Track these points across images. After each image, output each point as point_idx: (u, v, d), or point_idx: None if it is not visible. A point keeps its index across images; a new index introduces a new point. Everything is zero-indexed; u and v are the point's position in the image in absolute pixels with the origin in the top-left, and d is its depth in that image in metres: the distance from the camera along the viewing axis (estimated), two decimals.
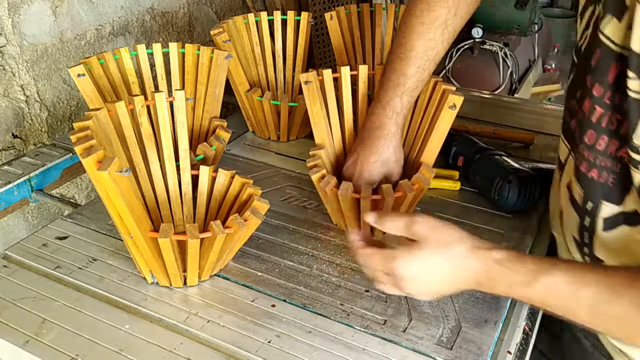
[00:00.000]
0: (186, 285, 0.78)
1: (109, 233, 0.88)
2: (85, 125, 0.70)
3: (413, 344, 0.69)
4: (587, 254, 0.71)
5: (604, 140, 0.63)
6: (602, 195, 0.65)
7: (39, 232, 0.88)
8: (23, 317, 0.72)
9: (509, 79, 2.48)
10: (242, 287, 0.78)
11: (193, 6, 1.60)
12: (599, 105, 0.62)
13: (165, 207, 0.84)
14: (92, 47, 1.31)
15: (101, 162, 0.63)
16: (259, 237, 0.88)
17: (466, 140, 1.05)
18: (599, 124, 0.63)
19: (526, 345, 0.73)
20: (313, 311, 0.74)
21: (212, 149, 0.92)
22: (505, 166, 0.94)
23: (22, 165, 1.03)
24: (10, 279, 0.79)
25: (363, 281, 0.80)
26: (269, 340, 0.70)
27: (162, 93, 0.81)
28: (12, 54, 1.13)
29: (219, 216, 0.82)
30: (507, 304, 0.76)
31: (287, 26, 1.21)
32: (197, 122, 1.02)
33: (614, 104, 0.60)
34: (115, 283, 0.79)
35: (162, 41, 1.42)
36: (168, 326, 0.72)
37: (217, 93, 1.00)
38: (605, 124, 0.62)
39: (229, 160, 1.10)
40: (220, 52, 0.96)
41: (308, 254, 0.85)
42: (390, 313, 0.74)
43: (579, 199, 0.69)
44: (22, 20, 1.13)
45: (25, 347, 0.68)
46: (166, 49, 1.02)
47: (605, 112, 0.61)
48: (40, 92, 1.21)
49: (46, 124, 1.24)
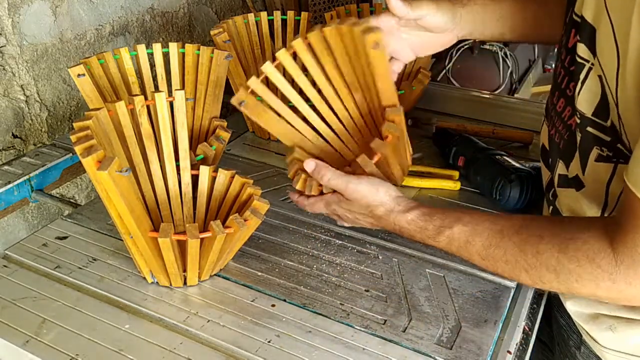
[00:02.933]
0: (186, 285, 0.78)
1: (109, 233, 0.88)
2: (85, 125, 0.70)
3: (413, 343, 0.69)
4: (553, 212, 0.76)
5: (562, 104, 0.70)
6: (558, 154, 0.72)
7: (39, 232, 0.88)
8: (23, 317, 0.72)
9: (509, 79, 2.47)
10: (242, 287, 0.78)
11: (193, 6, 1.60)
12: (563, 69, 0.69)
13: (165, 207, 0.84)
14: (92, 47, 1.31)
15: (101, 162, 0.63)
16: (259, 237, 0.88)
17: (466, 141, 1.05)
18: (561, 86, 0.70)
19: (526, 345, 0.73)
20: (313, 311, 0.74)
21: (212, 149, 0.92)
22: (506, 166, 0.94)
23: (22, 165, 1.03)
24: (10, 279, 0.79)
25: (363, 281, 0.80)
26: (268, 340, 0.70)
27: (162, 93, 0.81)
28: (12, 54, 1.13)
29: (219, 216, 0.82)
30: (507, 304, 0.76)
31: (287, 26, 1.21)
32: (197, 122, 1.02)
33: (569, 68, 0.65)
34: (115, 283, 0.79)
35: (162, 41, 1.42)
36: (168, 326, 0.72)
37: (217, 93, 1.00)
38: (564, 87, 0.68)
39: (229, 160, 1.10)
40: (220, 52, 0.96)
41: (308, 254, 0.85)
42: (390, 313, 0.74)
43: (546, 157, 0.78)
44: (22, 20, 1.13)
45: (25, 347, 0.68)
46: (166, 49, 1.02)
47: (565, 76, 0.67)
48: (40, 92, 1.21)
49: (46, 124, 1.24)
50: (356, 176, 0.72)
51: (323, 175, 0.73)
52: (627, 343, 0.70)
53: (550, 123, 0.76)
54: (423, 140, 1.19)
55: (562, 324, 0.82)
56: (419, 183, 1.00)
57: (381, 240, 0.88)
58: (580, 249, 0.57)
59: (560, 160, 0.73)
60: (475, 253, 0.65)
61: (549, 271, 0.59)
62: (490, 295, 0.77)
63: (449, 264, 0.83)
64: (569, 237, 0.58)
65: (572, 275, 0.58)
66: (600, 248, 0.56)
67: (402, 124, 0.73)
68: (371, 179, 0.72)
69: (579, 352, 0.78)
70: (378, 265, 0.83)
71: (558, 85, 0.72)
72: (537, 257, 0.60)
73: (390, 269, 0.82)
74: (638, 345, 0.70)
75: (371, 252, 0.86)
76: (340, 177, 0.72)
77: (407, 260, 0.84)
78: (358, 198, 0.72)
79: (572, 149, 0.68)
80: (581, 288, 0.58)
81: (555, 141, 0.73)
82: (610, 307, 0.70)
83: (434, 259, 0.84)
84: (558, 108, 0.72)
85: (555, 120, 0.73)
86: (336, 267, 0.82)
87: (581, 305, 0.74)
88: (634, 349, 0.70)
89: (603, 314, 0.72)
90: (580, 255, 0.57)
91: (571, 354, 0.80)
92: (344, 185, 0.72)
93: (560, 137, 0.72)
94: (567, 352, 0.81)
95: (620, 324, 0.70)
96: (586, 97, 0.62)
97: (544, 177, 0.81)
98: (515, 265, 0.62)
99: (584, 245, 0.57)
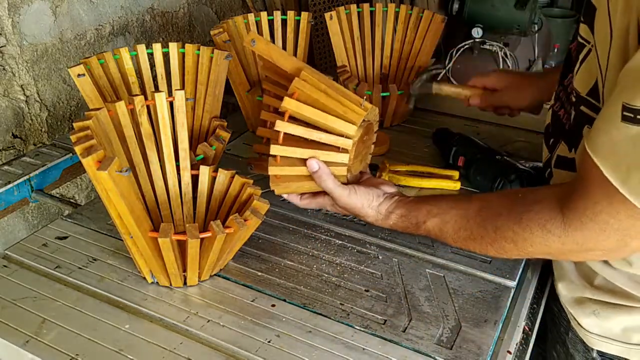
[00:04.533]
0: (186, 285, 0.78)
1: (109, 233, 0.88)
2: (85, 125, 0.70)
3: (413, 343, 0.69)
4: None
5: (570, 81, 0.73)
6: (561, 134, 0.76)
7: (39, 232, 0.88)
8: (23, 317, 0.72)
9: None
10: (242, 287, 0.78)
11: (193, 6, 1.60)
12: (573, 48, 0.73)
13: (165, 207, 0.84)
14: (92, 47, 1.31)
15: (101, 162, 0.63)
16: (259, 237, 0.88)
17: (466, 141, 1.05)
18: (571, 64, 0.73)
19: (526, 345, 0.73)
20: (313, 311, 0.74)
21: (212, 149, 0.92)
22: (506, 166, 0.94)
23: (22, 165, 1.03)
24: (10, 279, 0.79)
25: (363, 281, 0.80)
26: (268, 340, 0.70)
27: (162, 93, 0.81)
28: (12, 54, 1.13)
29: (219, 216, 0.82)
30: (507, 304, 0.76)
31: (287, 26, 1.21)
32: (197, 122, 1.02)
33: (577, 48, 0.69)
34: (115, 283, 0.79)
35: (162, 41, 1.42)
36: (168, 326, 0.72)
37: (217, 93, 1.00)
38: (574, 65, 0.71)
39: (229, 160, 1.10)
40: (220, 52, 0.96)
41: (308, 254, 0.85)
42: (390, 313, 0.74)
43: (548, 136, 0.82)
44: (22, 20, 1.13)
45: (25, 347, 0.68)
46: (166, 49, 1.02)
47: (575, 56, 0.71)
48: (40, 92, 1.21)
49: (46, 124, 1.24)
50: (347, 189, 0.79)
51: (324, 181, 0.78)
52: (609, 328, 0.75)
53: (558, 103, 0.79)
54: (423, 140, 1.19)
55: (554, 311, 0.85)
56: (419, 183, 1.00)
57: (381, 240, 0.88)
58: (532, 219, 0.64)
59: (562, 141, 0.75)
60: (449, 237, 0.74)
61: (507, 242, 0.68)
62: (490, 295, 0.77)
63: (449, 264, 0.83)
64: (523, 209, 0.66)
65: (527, 242, 0.66)
66: (550, 215, 0.63)
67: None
68: (359, 192, 0.80)
69: (567, 337, 0.82)
70: (378, 265, 0.83)
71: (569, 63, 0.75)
72: (497, 232, 0.68)
73: (390, 269, 0.82)
74: (619, 331, 0.74)
75: (371, 252, 0.86)
76: (337, 188, 0.79)
77: (407, 260, 0.84)
78: (349, 208, 0.81)
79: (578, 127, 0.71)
80: (535, 251, 0.67)
81: (562, 121, 0.76)
82: (594, 291, 0.75)
83: (434, 259, 0.84)
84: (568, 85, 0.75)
85: (565, 101, 0.76)
86: (336, 267, 0.82)
87: (569, 289, 0.79)
88: (615, 334, 0.75)
89: (588, 298, 0.76)
90: (533, 225, 0.64)
91: (561, 339, 0.84)
92: (338, 196, 0.79)
93: (569, 114, 0.73)
94: (557, 338, 0.86)
95: (603, 310, 0.75)
96: (583, 77, 0.66)
97: (543, 156, 0.84)
98: (481, 242, 0.71)
99: (536, 215, 0.64)
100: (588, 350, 0.78)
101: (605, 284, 0.74)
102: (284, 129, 0.76)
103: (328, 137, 0.77)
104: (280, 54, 0.83)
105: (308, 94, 0.77)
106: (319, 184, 0.79)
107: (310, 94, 0.77)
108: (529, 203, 0.66)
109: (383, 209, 0.80)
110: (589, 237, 0.61)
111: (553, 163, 0.78)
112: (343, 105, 0.76)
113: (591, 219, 0.59)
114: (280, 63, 0.82)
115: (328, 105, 0.76)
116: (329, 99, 0.77)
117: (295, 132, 0.77)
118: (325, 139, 0.77)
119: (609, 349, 0.76)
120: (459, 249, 0.75)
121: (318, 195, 0.83)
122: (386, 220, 0.80)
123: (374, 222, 0.81)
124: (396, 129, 1.26)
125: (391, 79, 1.33)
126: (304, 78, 0.78)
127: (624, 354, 0.75)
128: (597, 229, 0.59)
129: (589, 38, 0.64)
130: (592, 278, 0.76)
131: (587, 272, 0.77)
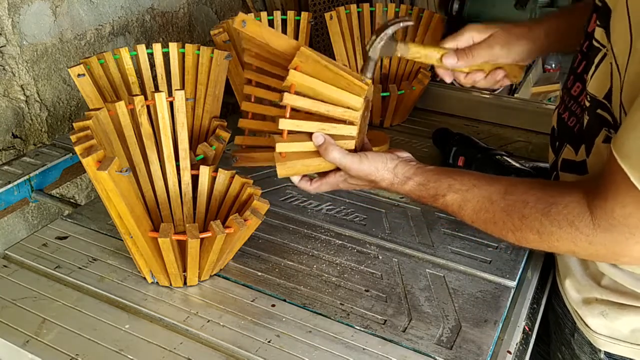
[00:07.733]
0: (186, 285, 0.78)
1: (109, 233, 0.88)
2: (85, 125, 0.70)
3: (413, 343, 0.69)
4: None
5: (578, 87, 0.73)
6: (567, 138, 0.75)
7: (39, 232, 0.88)
8: (23, 317, 0.72)
9: None
10: (242, 287, 0.78)
11: (193, 6, 1.60)
12: (580, 54, 0.72)
13: (165, 207, 0.84)
14: (92, 47, 1.31)
15: (101, 162, 0.63)
16: (259, 237, 0.88)
17: (466, 140, 1.05)
18: (576, 70, 0.72)
19: (526, 345, 0.73)
20: (313, 311, 0.74)
21: (212, 149, 0.92)
22: (506, 166, 0.94)
23: (22, 165, 1.03)
24: (10, 279, 0.79)
25: (363, 281, 0.80)
26: (268, 340, 0.70)
27: (162, 93, 0.81)
28: (12, 54, 1.13)
29: (219, 216, 0.82)
30: (507, 304, 0.76)
31: (287, 26, 1.21)
32: (197, 122, 1.02)
33: (587, 52, 0.68)
34: (115, 283, 0.79)
35: (162, 41, 1.42)
36: (168, 326, 0.72)
37: (217, 93, 1.00)
38: (580, 71, 0.70)
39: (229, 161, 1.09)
40: (220, 52, 0.96)
41: (308, 254, 0.85)
42: (390, 313, 0.74)
43: (554, 140, 0.80)
44: (22, 20, 1.13)
45: (25, 347, 0.68)
46: (166, 49, 1.02)
47: (582, 60, 0.70)
48: (40, 92, 1.21)
49: (46, 124, 1.24)
50: (357, 156, 0.75)
51: (330, 152, 0.75)
52: (617, 329, 0.73)
53: (563, 106, 0.78)
54: (423, 140, 1.19)
55: (558, 312, 0.84)
56: None
57: (381, 240, 0.88)
58: (561, 213, 0.62)
59: (567, 145, 0.75)
60: (466, 216, 0.71)
61: (532, 233, 0.65)
62: (490, 295, 0.77)
63: (449, 264, 0.83)
64: (552, 201, 0.63)
65: (553, 236, 0.63)
66: (580, 212, 0.60)
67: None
68: (370, 156, 0.76)
69: (573, 339, 0.80)
70: (378, 265, 0.83)
71: (574, 70, 0.74)
72: (523, 221, 0.65)
73: (390, 269, 0.82)
74: (628, 332, 0.73)
75: (371, 252, 0.86)
76: (346, 156, 0.75)
77: (407, 260, 0.84)
78: (362, 176, 0.76)
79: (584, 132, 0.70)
80: (561, 247, 0.64)
81: (569, 125, 0.75)
82: (602, 291, 0.74)
83: (434, 259, 0.84)
84: (573, 92, 0.74)
85: (571, 104, 0.75)
86: (336, 267, 0.82)
87: (576, 289, 0.78)
88: (624, 335, 0.73)
89: (596, 298, 0.75)
90: (561, 219, 0.61)
91: (567, 341, 0.82)
92: (349, 165, 0.75)
93: (577, 120, 0.73)
94: (562, 339, 0.84)
95: (611, 310, 0.73)
96: (599, 80, 0.65)
97: (549, 159, 0.83)
98: (502, 227, 0.68)
99: (565, 209, 0.61)
100: (595, 351, 0.77)
101: (612, 284, 0.73)
102: (292, 102, 0.74)
103: (335, 109, 0.75)
104: (273, 33, 0.80)
105: (311, 68, 0.74)
106: (326, 156, 0.75)
107: (314, 67, 0.74)
108: (557, 195, 0.63)
109: (400, 172, 0.76)
110: (618, 241, 0.58)
111: (559, 166, 0.77)
112: (346, 79, 0.75)
113: (620, 221, 0.57)
114: (274, 44, 0.79)
115: (332, 78, 0.74)
116: (331, 73, 0.75)
117: (303, 105, 0.75)
118: (332, 111, 0.75)
119: (617, 350, 0.75)
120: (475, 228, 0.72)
121: (328, 175, 0.79)
122: (402, 186, 0.75)
123: (389, 186, 0.77)
124: (396, 129, 1.26)
125: (391, 79, 1.33)
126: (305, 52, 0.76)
127: (633, 355, 0.74)
128: (626, 232, 0.57)
129: (604, 42, 0.63)
130: (599, 278, 0.75)
131: (594, 272, 0.76)
